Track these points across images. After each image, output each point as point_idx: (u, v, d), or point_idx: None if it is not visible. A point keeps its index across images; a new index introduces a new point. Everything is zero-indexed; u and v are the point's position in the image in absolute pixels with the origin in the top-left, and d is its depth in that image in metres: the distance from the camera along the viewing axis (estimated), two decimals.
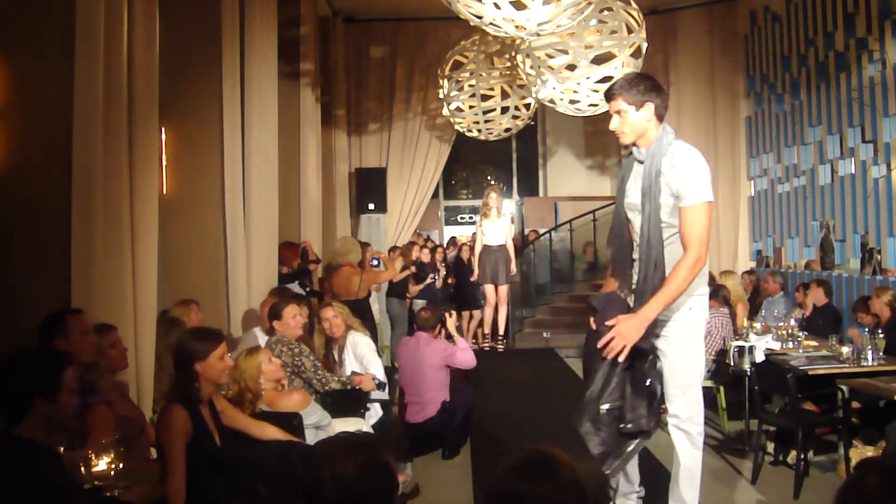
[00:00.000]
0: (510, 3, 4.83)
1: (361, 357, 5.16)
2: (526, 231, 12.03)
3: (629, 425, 3.09)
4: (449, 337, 5.53)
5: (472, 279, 9.04)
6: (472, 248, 9.25)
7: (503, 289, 8.87)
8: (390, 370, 5.68)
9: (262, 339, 4.99)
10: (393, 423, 5.52)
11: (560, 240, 11.61)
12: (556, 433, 5.24)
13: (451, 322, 5.58)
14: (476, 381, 7.20)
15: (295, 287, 6.42)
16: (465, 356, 5.52)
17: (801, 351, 5.34)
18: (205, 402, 3.07)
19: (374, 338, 5.93)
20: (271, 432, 3.54)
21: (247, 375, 3.84)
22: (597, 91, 6.89)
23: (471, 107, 8.25)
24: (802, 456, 4.64)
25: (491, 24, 5.08)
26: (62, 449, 2.62)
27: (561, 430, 5.23)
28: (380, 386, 5.07)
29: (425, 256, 9.07)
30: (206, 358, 3.02)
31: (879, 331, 5.02)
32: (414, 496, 4.62)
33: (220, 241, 5.66)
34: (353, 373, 5.03)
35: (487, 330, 9.14)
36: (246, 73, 6.02)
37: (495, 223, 8.65)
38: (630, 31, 6.59)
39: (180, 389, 3.01)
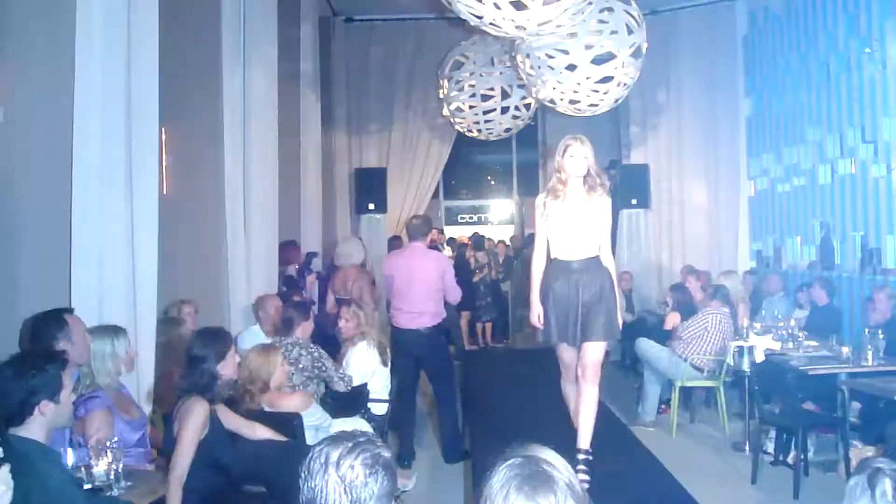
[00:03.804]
0: (510, 3, 4.83)
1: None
2: (526, 232, 12.01)
3: None
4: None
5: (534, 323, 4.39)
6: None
7: (595, 349, 4.21)
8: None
9: (261, 336, 4.98)
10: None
11: None
12: (555, 434, 5.25)
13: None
14: (476, 380, 7.18)
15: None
16: (455, 288, 5.46)
17: (801, 351, 5.34)
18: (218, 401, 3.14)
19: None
20: (262, 432, 3.54)
21: (261, 369, 3.84)
22: (597, 91, 6.89)
23: (471, 107, 8.25)
24: (802, 456, 4.64)
25: (491, 24, 5.08)
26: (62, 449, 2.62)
27: (561, 431, 5.25)
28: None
29: None
30: (224, 358, 3.12)
31: (879, 331, 5.02)
32: (415, 498, 4.63)
33: (220, 241, 5.65)
34: None
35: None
36: (246, 74, 6.02)
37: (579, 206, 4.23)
38: (630, 31, 6.59)
39: (203, 387, 3.05)
